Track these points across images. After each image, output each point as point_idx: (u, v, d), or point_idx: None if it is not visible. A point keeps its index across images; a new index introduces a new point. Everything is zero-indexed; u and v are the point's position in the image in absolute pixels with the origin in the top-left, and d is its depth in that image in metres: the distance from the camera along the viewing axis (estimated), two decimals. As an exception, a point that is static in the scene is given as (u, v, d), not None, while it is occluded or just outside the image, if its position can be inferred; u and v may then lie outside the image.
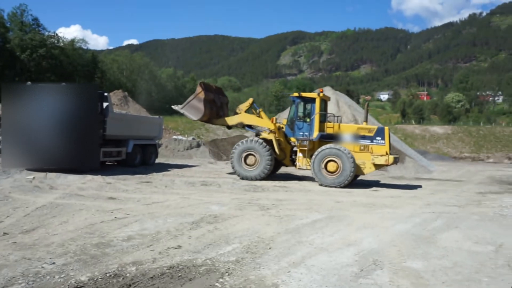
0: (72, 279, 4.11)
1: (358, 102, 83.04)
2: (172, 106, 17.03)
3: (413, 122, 75.48)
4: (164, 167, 17.24)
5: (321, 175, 13.56)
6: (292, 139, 14.70)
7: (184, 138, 27.64)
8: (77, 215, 7.27)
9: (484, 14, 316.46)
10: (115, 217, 7.14)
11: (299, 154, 14.54)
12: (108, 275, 4.27)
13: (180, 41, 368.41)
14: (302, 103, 14.60)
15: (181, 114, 16.71)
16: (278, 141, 14.71)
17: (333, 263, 4.96)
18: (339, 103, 29.70)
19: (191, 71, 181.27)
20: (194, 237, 5.97)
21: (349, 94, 73.99)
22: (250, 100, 16.03)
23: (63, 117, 12.39)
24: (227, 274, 4.44)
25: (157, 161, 18.89)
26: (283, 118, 18.15)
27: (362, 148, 13.82)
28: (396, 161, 13.97)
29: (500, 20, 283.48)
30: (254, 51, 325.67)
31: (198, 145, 25.55)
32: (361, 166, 13.67)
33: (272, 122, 15.10)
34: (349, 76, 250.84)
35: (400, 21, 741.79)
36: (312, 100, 14.31)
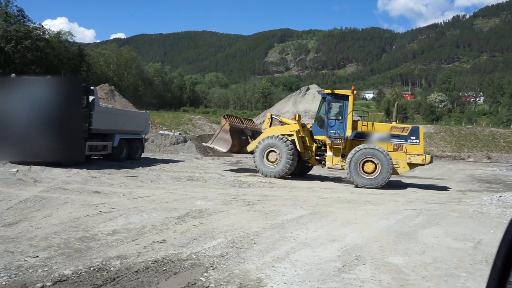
0: (56, 272, 4.10)
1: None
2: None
3: (397, 121, 76.33)
4: (150, 162, 17.15)
5: (357, 175, 13.01)
6: (320, 137, 14.20)
7: (170, 133, 27.49)
8: (61, 208, 7.21)
9: (467, 16, 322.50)
10: (100, 211, 7.10)
11: (329, 153, 14.01)
12: (92, 269, 4.26)
13: (168, 36, 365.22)
14: (334, 100, 13.98)
15: (169, 109, 16.72)
16: (301, 138, 14.36)
17: (316, 258, 5.04)
18: (325, 101, 29.88)
19: (178, 66, 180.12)
20: (179, 232, 5.99)
21: (335, 92, 74.08)
22: (268, 115, 16.00)
23: (48, 110, 12.23)
24: (211, 268, 4.48)
25: (143, 155, 18.77)
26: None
27: (395, 147, 13.48)
28: (432, 161, 13.66)
29: (482, 23, 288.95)
30: (241, 48, 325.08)
31: (185, 140, 25.46)
32: (395, 166, 13.27)
33: (295, 118, 14.64)
34: (335, 75, 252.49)
35: (386, 21, 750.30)
36: (345, 98, 13.82)
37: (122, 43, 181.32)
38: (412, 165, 13.45)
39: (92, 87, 14.62)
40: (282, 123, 15.51)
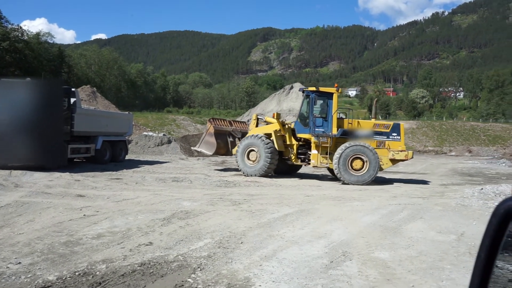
0: (39, 278, 4.01)
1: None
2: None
3: (380, 117, 77.30)
4: (135, 164, 16.97)
5: (346, 172, 13.04)
6: (304, 135, 14.10)
7: (154, 134, 27.25)
8: (44, 213, 7.07)
9: (446, 13, 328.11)
10: (84, 215, 6.99)
11: (313, 151, 13.85)
12: (77, 273, 4.19)
13: (149, 36, 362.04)
14: (318, 98, 13.85)
15: (152, 110, 16.91)
16: (281, 137, 14.36)
17: (303, 255, 5.06)
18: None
19: (161, 66, 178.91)
20: (166, 234, 5.94)
21: (319, 90, 74.61)
22: (254, 115, 16.09)
23: (28, 113, 12.00)
24: (199, 269, 4.45)
25: (127, 157, 18.57)
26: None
27: (378, 144, 13.60)
28: (413, 156, 13.91)
29: (461, 19, 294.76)
30: (224, 47, 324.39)
31: (169, 141, 25.28)
32: (384, 163, 13.48)
33: (273, 117, 14.67)
34: (318, 73, 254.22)
35: (367, 19, 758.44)
36: (330, 95, 13.77)
37: (103, 44, 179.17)
38: (394, 161, 13.67)
39: (73, 89, 14.40)
40: (267, 123, 15.53)
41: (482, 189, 11.15)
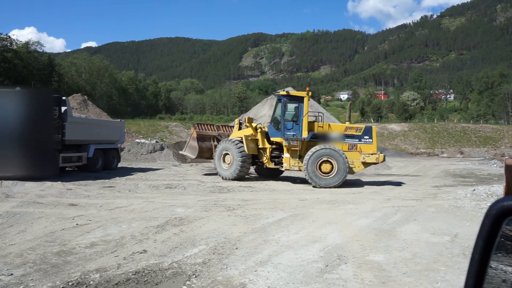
0: (33, 289, 3.96)
1: (319, 102, 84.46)
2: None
3: (372, 120, 77.89)
4: (127, 171, 16.86)
5: (315, 176, 13.14)
6: (276, 139, 14.19)
7: (147, 141, 27.11)
8: (36, 223, 6.99)
9: (435, 16, 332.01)
10: (77, 224, 6.92)
11: (286, 155, 14.02)
12: (70, 283, 4.14)
13: (140, 44, 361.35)
14: (289, 102, 14.04)
15: (144, 117, 17.35)
16: (254, 141, 14.56)
17: (299, 260, 5.05)
18: (301, 103, 30.10)
19: (152, 73, 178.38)
20: (160, 241, 5.90)
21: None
22: (236, 120, 16.59)
23: (18, 123, 11.87)
24: (194, 276, 4.43)
25: (119, 165, 18.44)
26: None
27: (350, 147, 13.66)
28: (385, 159, 13.96)
29: (449, 22, 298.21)
30: (216, 53, 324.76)
31: (162, 148, 25.15)
32: (351, 165, 13.46)
33: (245, 122, 14.91)
34: (309, 77, 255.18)
35: (357, 23, 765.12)
36: (301, 99, 13.85)
37: (94, 52, 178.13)
38: (366, 164, 13.75)
39: (64, 98, 14.30)
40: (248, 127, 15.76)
41: (474, 190, 11.25)
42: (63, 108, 13.80)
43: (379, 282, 4.30)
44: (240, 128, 15.91)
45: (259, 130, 14.57)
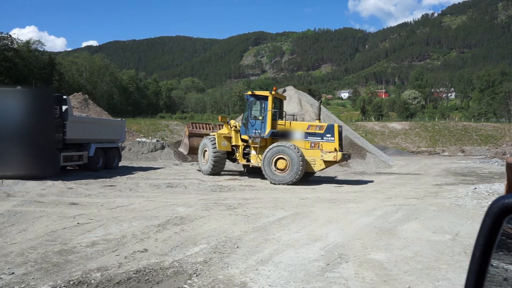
0: (34, 288, 3.97)
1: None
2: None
3: (373, 119, 77.80)
4: (128, 170, 16.89)
5: (271, 172, 13.63)
6: (245, 137, 14.90)
7: (148, 140, 27.16)
8: (37, 222, 7.00)
9: (436, 14, 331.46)
10: (78, 223, 6.92)
11: (253, 152, 14.76)
12: (71, 283, 4.14)
13: (141, 42, 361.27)
14: (255, 101, 14.69)
15: (145, 116, 18.20)
16: (227, 138, 15.56)
17: (300, 258, 5.05)
18: (301, 102, 30.12)
19: (153, 72, 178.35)
20: (161, 240, 5.90)
21: (311, 93, 75.24)
22: (219, 118, 17.37)
23: (19, 122, 11.88)
24: (195, 275, 4.43)
25: (120, 164, 18.47)
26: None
27: (312, 145, 13.83)
28: (345, 157, 14.03)
29: (450, 20, 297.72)
30: (216, 52, 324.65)
31: (163, 147, 25.19)
32: (312, 163, 13.71)
33: (219, 120, 16.86)
34: (310, 76, 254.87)
35: (357, 22, 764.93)
36: (265, 98, 14.41)
37: (94, 51, 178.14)
38: (326, 163, 13.79)
39: (64, 97, 14.31)
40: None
41: (475, 188, 11.23)
42: (63, 107, 13.81)
43: (380, 281, 4.29)
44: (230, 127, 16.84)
45: (233, 128, 15.44)
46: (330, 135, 13.69)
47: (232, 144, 15.48)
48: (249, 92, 15.00)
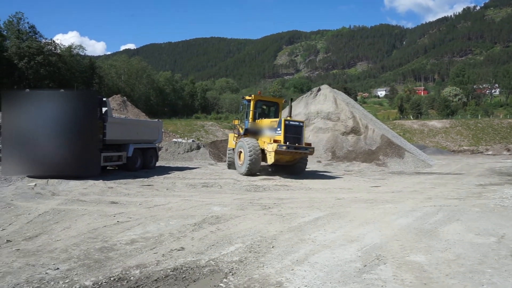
0: (77, 284, 4.12)
1: (355, 99, 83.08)
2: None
3: (411, 117, 75.62)
4: (165, 170, 17.25)
5: (236, 165, 16.23)
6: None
7: (184, 141, 27.64)
8: (79, 220, 7.28)
9: (478, 7, 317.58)
10: (118, 221, 7.14)
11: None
12: (112, 279, 4.27)
13: (176, 45, 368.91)
14: (244, 104, 17.20)
15: (181, 117, 19.20)
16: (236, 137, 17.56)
17: (336, 259, 4.97)
18: (337, 101, 29.71)
19: (188, 74, 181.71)
20: (197, 239, 5.98)
21: (347, 91, 74.19)
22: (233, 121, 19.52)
23: (63, 124, 12.36)
24: (231, 274, 4.45)
25: (157, 164, 18.88)
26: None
27: (271, 140, 15.26)
28: (289, 149, 14.72)
29: (494, 13, 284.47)
30: (250, 52, 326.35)
31: (198, 147, 25.55)
32: (268, 156, 15.13)
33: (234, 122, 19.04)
34: (346, 74, 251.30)
35: (394, 18, 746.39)
36: (249, 101, 16.82)
37: (132, 54, 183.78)
38: (274, 154, 14.78)
39: (105, 99, 14.76)
40: None
41: (522, 188, 10.66)
42: (104, 109, 14.25)
43: (420, 284, 4.16)
44: None
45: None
46: (279, 129, 15.05)
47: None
48: (247, 97, 17.20)
